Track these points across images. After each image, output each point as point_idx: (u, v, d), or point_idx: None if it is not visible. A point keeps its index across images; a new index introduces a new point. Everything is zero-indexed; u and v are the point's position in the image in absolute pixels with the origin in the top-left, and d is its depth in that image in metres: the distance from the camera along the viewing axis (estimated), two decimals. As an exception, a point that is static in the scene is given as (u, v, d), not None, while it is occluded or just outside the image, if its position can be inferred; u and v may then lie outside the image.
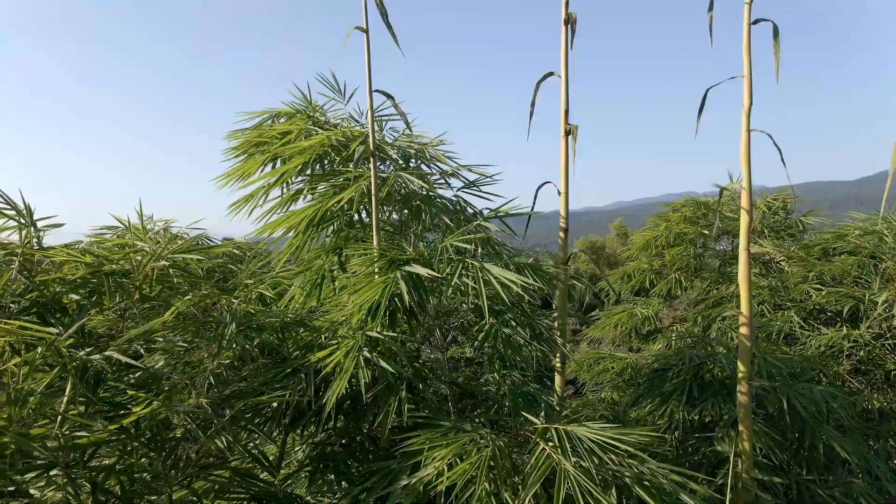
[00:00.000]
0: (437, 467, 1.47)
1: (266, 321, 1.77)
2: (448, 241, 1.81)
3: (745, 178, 2.15)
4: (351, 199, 1.99)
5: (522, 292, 1.89)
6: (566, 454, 1.42)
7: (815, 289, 3.95)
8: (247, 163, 2.37)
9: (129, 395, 1.51)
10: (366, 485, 1.56)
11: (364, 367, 1.52)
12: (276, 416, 1.70)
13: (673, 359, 3.02)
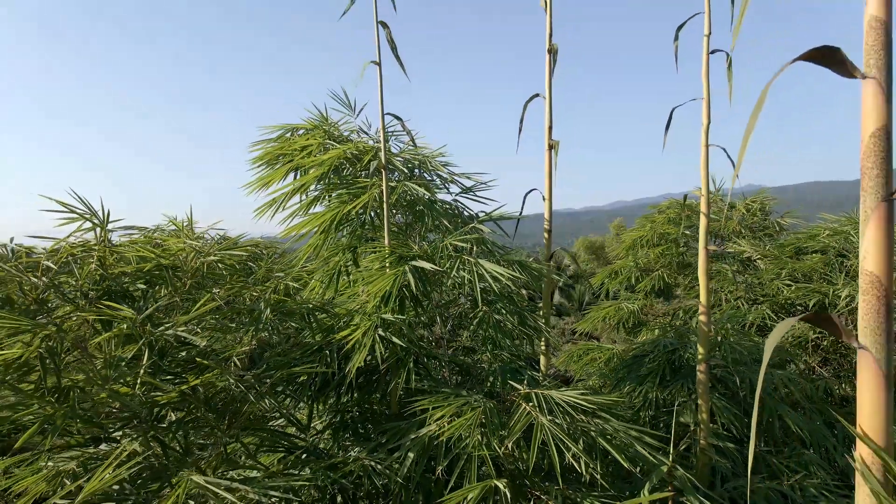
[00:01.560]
0: (439, 424, 1.81)
1: (294, 307, 2.12)
2: (448, 241, 2.15)
3: (704, 186, 2.49)
4: (365, 204, 2.34)
5: (513, 285, 2.24)
6: (543, 412, 1.76)
7: (787, 285, 4.29)
8: (273, 173, 2.71)
9: (189, 364, 1.85)
10: (380, 440, 1.90)
11: (379, 342, 1.86)
12: (306, 385, 2.04)
13: (650, 346, 3.37)
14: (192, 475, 1.39)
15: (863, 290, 0.93)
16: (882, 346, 0.92)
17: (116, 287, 1.93)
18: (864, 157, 0.90)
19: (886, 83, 0.89)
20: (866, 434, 0.93)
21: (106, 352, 1.61)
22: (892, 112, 0.90)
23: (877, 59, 0.89)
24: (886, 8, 0.89)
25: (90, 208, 1.89)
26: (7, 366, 1.53)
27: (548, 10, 2.57)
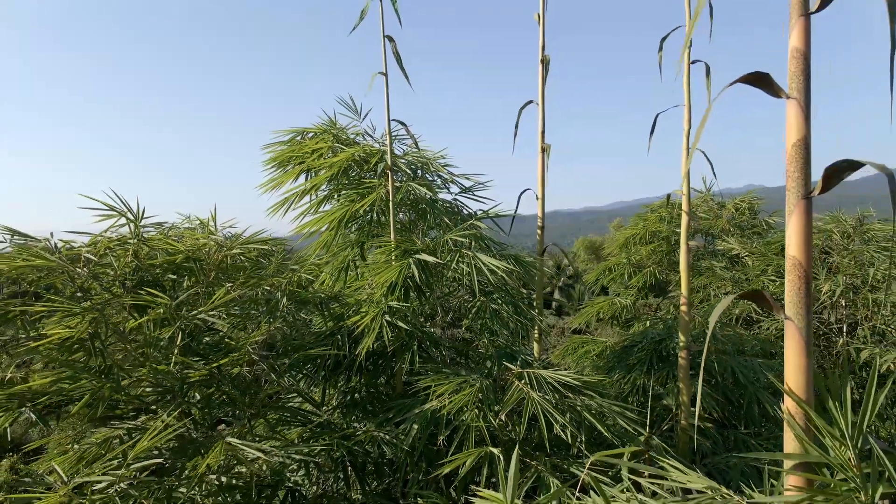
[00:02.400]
0: (440, 400, 2.01)
1: (308, 297, 2.32)
2: (448, 236, 2.36)
3: (685, 187, 2.69)
4: (372, 202, 2.54)
5: (508, 278, 2.44)
6: (534, 388, 1.96)
7: (771, 280, 4.50)
8: (286, 174, 2.92)
9: (215, 347, 2.06)
10: (387, 416, 2.11)
11: (386, 326, 2.07)
12: (320, 366, 2.25)
13: (639, 337, 3.57)
14: (226, 439, 1.60)
15: (787, 270, 1.13)
16: (803, 317, 1.12)
17: (149, 277, 2.14)
18: (788, 163, 1.11)
19: (805, 103, 1.09)
20: (791, 390, 1.13)
21: (146, 333, 1.81)
22: (810, 126, 1.10)
23: (797, 83, 1.09)
24: (805, 41, 1.09)
25: (127, 206, 2.09)
26: (60, 344, 1.74)
27: (541, 24, 2.78)
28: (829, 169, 1.08)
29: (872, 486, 1.04)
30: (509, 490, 1.24)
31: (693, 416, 2.72)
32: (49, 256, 1.82)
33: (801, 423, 1.12)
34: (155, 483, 1.59)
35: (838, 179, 1.08)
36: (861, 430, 1.08)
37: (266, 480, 1.90)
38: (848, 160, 1.06)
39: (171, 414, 1.82)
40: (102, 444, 1.71)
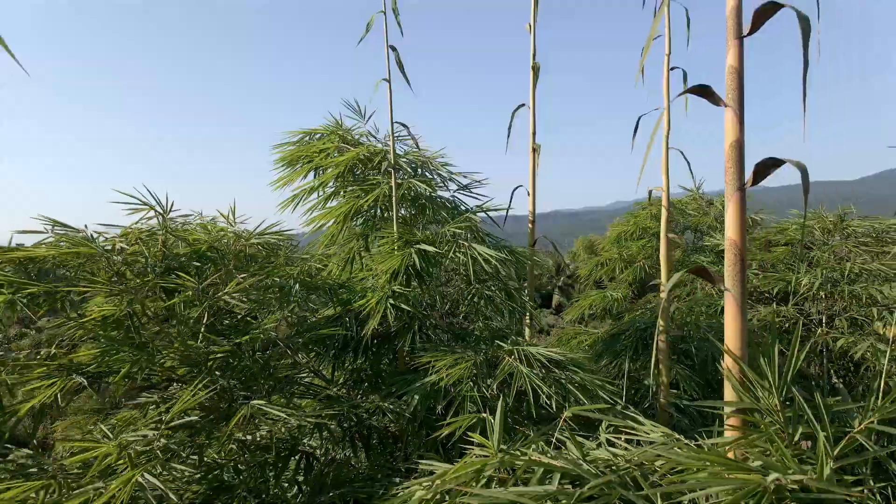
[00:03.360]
0: (439, 374, 2.24)
1: (319, 283, 2.55)
2: (446, 228, 2.59)
3: (665, 184, 2.92)
4: (376, 198, 2.77)
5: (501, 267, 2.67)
6: (522, 364, 2.19)
7: (755, 274, 4.72)
8: (295, 172, 3.14)
9: (235, 328, 2.28)
10: (391, 389, 2.34)
11: (390, 308, 2.29)
12: (330, 345, 2.48)
13: (626, 325, 3.80)
14: (250, 402, 1.83)
15: (726, 249, 1.36)
16: (738, 288, 1.35)
17: (175, 265, 2.37)
18: (726, 160, 1.33)
19: (739, 111, 1.32)
20: (729, 349, 1.36)
21: (177, 312, 2.04)
22: (743, 130, 1.33)
23: (733, 95, 1.32)
24: (739, 60, 1.32)
25: (157, 199, 2.32)
26: (102, 321, 1.97)
27: (532, 33, 3.01)
28: (758, 165, 1.31)
29: (793, 426, 1.27)
30: (496, 436, 1.47)
31: (671, 395, 2.94)
32: (91, 245, 2.05)
33: (737, 376, 1.35)
34: (188, 441, 1.82)
35: (765, 174, 1.31)
36: (786, 381, 1.31)
37: (283, 445, 2.13)
38: (772, 158, 1.29)
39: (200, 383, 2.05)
40: (141, 407, 1.94)
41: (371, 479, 2.06)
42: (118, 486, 1.48)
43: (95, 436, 1.75)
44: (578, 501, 1.27)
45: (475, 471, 1.45)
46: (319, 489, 1.98)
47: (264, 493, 2.02)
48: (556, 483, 1.33)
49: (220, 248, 2.50)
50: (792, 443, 1.24)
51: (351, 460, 2.37)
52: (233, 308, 2.32)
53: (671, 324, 3.89)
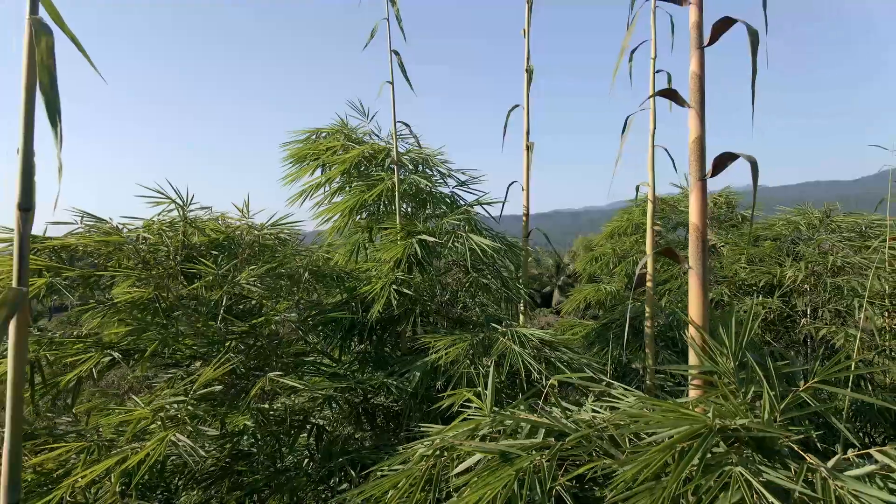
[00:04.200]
0: (438, 353, 2.43)
1: (327, 272, 2.75)
2: (445, 220, 2.78)
3: (651, 179, 3.11)
4: (380, 193, 2.96)
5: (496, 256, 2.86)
6: (515, 343, 2.38)
7: (742, 267, 4.92)
8: (303, 169, 3.34)
9: (250, 312, 2.47)
10: (393, 368, 2.53)
11: (393, 293, 2.48)
12: (337, 327, 2.67)
13: (617, 314, 3.99)
14: (268, 375, 2.02)
15: (690, 233, 1.55)
16: (700, 267, 1.54)
17: (194, 254, 2.56)
18: (690, 154, 1.52)
19: (700, 112, 1.51)
20: (693, 320, 1.55)
21: (199, 296, 2.24)
22: (704, 129, 1.51)
23: (695, 97, 1.51)
24: (700, 67, 1.51)
25: (178, 193, 2.52)
26: (132, 304, 2.16)
27: (526, 38, 3.20)
28: (717, 159, 1.50)
29: (746, 386, 1.46)
30: (489, 399, 1.66)
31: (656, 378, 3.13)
32: (121, 234, 2.25)
33: (699, 344, 1.54)
34: (211, 411, 2.01)
35: (723, 167, 1.50)
36: (741, 347, 1.50)
37: (296, 418, 2.32)
38: (728, 152, 1.48)
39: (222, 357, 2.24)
40: (168, 381, 2.14)
41: (376, 449, 2.25)
42: (154, 443, 1.68)
43: (128, 406, 1.94)
44: (560, 451, 1.46)
45: (470, 430, 1.64)
46: (329, 456, 2.17)
47: (279, 461, 2.21)
48: (542, 437, 1.52)
49: (235, 238, 2.70)
50: (745, 399, 1.43)
51: (356, 434, 2.56)
52: (248, 293, 2.52)
53: (660, 314, 4.08)
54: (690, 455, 1.16)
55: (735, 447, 1.31)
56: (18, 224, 0.77)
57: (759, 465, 1.20)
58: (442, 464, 1.61)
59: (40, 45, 0.73)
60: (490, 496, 1.34)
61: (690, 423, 1.23)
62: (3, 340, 1.87)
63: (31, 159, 0.77)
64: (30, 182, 0.77)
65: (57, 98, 0.73)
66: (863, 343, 3.97)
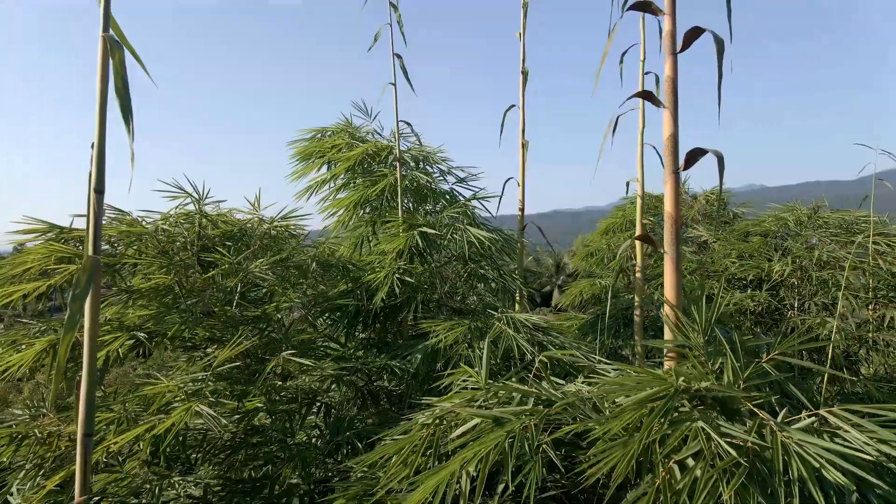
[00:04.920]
0: (438, 337, 2.60)
1: (333, 262, 2.92)
2: (445, 213, 2.94)
3: (639, 175, 3.28)
4: (383, 188, 3.13)
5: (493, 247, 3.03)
6: (510, 327, 2.55)
7: (732, 262, 5.08)
8: (310, 165, 3.51)
9: (262, 299, 2.64)
10: (397, 352, 2.70)
11: (396, 281, 2.65)
12: (344, 313, 2.84)
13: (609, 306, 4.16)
14: (282, 354, 2.19)
15: (665, 220, 1.71)
16: (674, 251, 1.70)
17: (210, 245, 2.73)
18: (665, 149, 1.69)
19: (674, 112, 1.67)
20: (668, 300, 1.72)
21: (216, 282, 2.40)
22: (677, 127, 1.68)
23: (669, 98, 1.67)
24: (674, 71, 1.67)
25: (194, 187, 2.69)
26: (156, 290, 2.33)
27: (522, 40, 3.36)
28: (688, 154, 1.67)
29: (713, 357, 1.63)
30: (484, 372, 1.83)
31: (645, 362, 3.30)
32: (144, 226, 2.42)
33: (673, 320, 1.71)
34: (229, 388, 2.18)
35: (694, 161, 1.67)
36: (710, 323, 1.67)
37: (306, 397, 2.49)
38: (699, 148, 1.65)
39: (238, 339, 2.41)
40: (189, 360, 2.31)
41: (381, 425, 2.42)
42: (179, 412, 1.85)
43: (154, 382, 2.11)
44: (548, 416, 1.63)
45: (467, 400, 1.81)
46: (337, 431, 2.34)
47: (290, 437, 2.38)
48: (531, 404, 1.69)
49: (247, 230, 2.87)
50: (712, 368, 1.60)
51: (361, 415, 2.73)
52: (260, 282, 2.68)
53: (651, 304, 4.25)
54: (657, 411, 1.33)
55: (700, 409, 1.48)
56: (94, 204, 0.94)
57: (720, 422, 1.36)
58: (441, 431, 1.78)
59: (115, 57, 0.90)
60: (484, 452, 1.51)
61: (658, 385, 1.40)
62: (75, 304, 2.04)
63: (104, 152, 0.94)
64: (102, 170, 0.94)
65: (129, 99, 0.89)
66: (845, 333, 4.13)
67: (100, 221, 0.95)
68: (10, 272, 2.24)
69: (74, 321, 0.86)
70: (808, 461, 1.23)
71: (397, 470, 1.73)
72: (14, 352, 2.11)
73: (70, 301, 0.86)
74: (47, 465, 1.91)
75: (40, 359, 2.04)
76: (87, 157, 0.98)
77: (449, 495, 1.56)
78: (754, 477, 1.24)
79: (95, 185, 0.93)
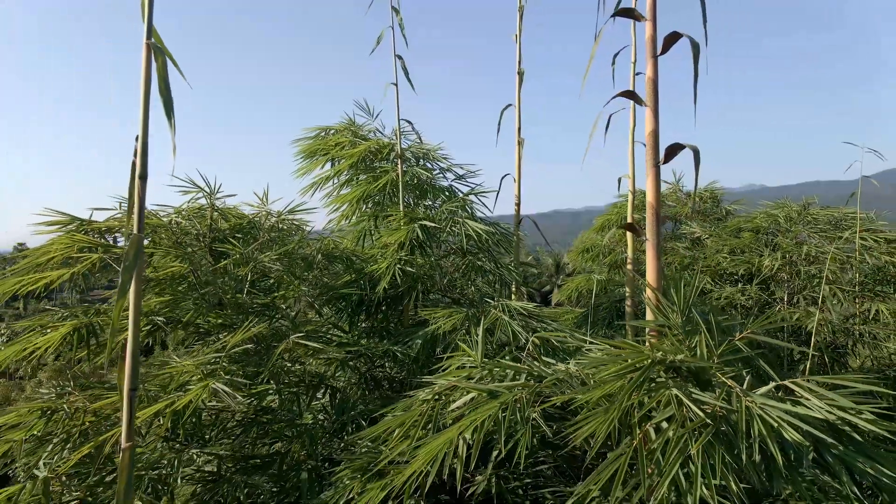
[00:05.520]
0: (437, 324, 2.74)
1: (338, 254, 3.06)
2: (443, 207, 3.09)
3: (630, 172, 3.42)
4: (385, 184, 3.28)
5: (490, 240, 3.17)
6: (505, 314, 2.69)
7: (724, 257, 5.23)
8: (314, 162, 3.65)
9: (270, 288, 2.79)
10: (399, 338, 2.84)
11: (398, 271, 2.80)
12: (348, 302, 2.98)
13: (603, 298, 4.31)
14: (290, 337, 2.33)
15: (647, 209, 1.86)
16: (655, 238, 1.85)
17: (220, 237, 2.87)
18: (647, 145, 1.83)
19: (655, 110, 1.82)
20: (649, 283, 1.86)
21: (229, 271, 2.55)
22: (658, 123, 1.82)
23: (651, 98, 1.82)
24: (654, 73, 1.82)
25: (207, 183, 2.83)
26: (172, 277, 2.48)
27: (518, 42, 3.51)
28: (668, 148, 1.81)
29: (690, 334, 1.77)
30: (480, 351, 1.98)
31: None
32: (161, 218, 2.56)
33: (654, 302, 1.85)
34: (241, 369, 2.33)
35: (673, 155, 1.81)
36: (687, 304, 1.81)
37: (312, 379, 2.63)
38: (677, 143, 1.79)
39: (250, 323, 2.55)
40: (202, 345, 2.45)
41: (383, 405, 2.56)
42: (197, 389, 1.99)
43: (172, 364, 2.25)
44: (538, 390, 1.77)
45: (465, 376, 1.96)
46: (342, 411, 2.48)
47: (298, 416, 2.53)
48: (524, 379, 1.84)
49: (256, 223, 3.01)
50: (689, 345, 1.74)
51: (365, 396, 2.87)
52: (268, 272, 2.83)
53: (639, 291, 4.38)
54: (635, 379, 1.48)
55: (676, 380, 1.62)
56: (138, 189, 1.08)
57: (692, 390, 1.51)
58: (440, 406, 1.92)
59: (158, 61, 1.04)
60: (479, 421, 1.66)
61: (636, 357, 1.55)
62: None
63: (147, 143, 1.08)
64: (145, 159, 1.08)
65: (171, 98, 1.04)
66: (831, 325, 4.29)
67: (143, 204, 1.09)
68: (35, 261, 2.39)
69: (126, 288, 1.00)
70: (769, 422, 1.37)
71: (399, 443, 1.88)
72: (40, 335, 2.25)
73: (122, 272, 1.00)
74: (74, 440, 2.05)
75: (66, 341, 2.18)
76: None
77: (447, 460, 1.71)
78: (720, 436, 1.39)
79: (140, 173, 1.07)
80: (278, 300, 2.72)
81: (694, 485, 1.29)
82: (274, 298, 2.68)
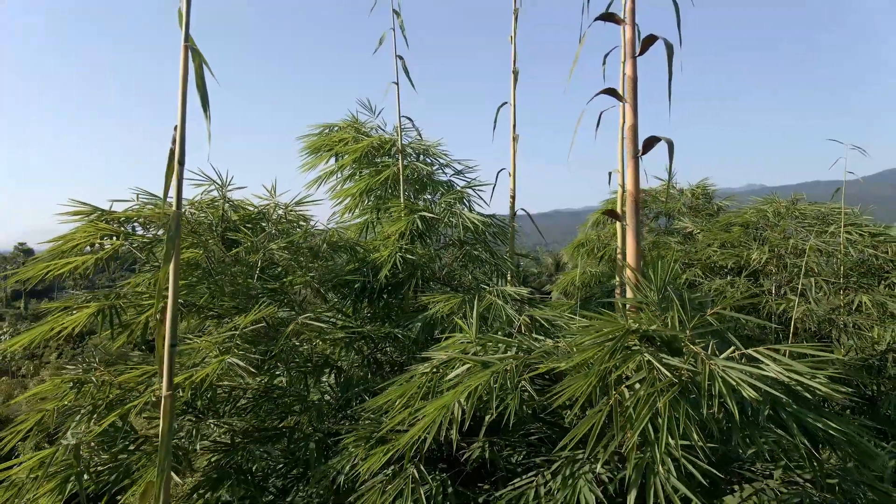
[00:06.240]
0: (435, 309, 2.92)
1: (342, 243, 3.24)
2: (442, 200, 3.26)
3: (620, 166, 3.59)
4: (387, 178, 3.45)
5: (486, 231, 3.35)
6: (498, 298, 2.87)
7: (714, 251, 5.41)
8: (318, 158, 3.83)
9: (278, 276, 2.96)
10: (400, 322, 3.02)
11: (398, 258, 2.97)
12: (351, 288, 3.16)
13: (596, 289, 4.48)
14: (298, 319, 2.51)
15: (627, 198, 2.03)
16: (633, 222, 2.02)
17: (231, 227, 3.05)
18: (626, 137, 2.01)
19: (634, 106, 1.99)
20: (628, 263, 2.04)
21: (240, 259, 2.73)
22: (637, 118, 2.00)
23: (630, 95, 1.99)
24: (633, 71, 1.99)
25: (220, 176, 3.01)
26: (187, 264, 2.65)
27: (513, 43, 3.69)
28: (645, 141, 1.99)
29: (664, 311, 1.94)
30: (474, 327, 2.15)
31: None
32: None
33: (633, 281, 2.03)
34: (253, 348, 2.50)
35: (650, 147, 1.99)
36: (663, 283, 1.98)
37: (319, 360, 2.81)
38: (654, 136, 1.97)
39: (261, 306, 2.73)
40: (216, 325, 2.63)
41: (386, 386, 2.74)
42: (215, 364, 2.17)
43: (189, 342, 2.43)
44: (526, 361, 1.94)
45: (461, 351, 2.14)
46: (347, 388, 2.66)
47: (305, 394, 2.70)
48: (514, 352, 2.01)
49: (265, 214, 3.19)
50: (663, 318, 1.92)
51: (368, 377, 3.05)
52: (277, 260, 3.01)
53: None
54: (612, 345, 1.65)
55: (650, 349, 1.80)
56: (177, 173, 1.26)
57: (663, 356, 1.68)
58: (437, 378, 2.10)
59: (195, 61, 1.22)
60: (473, 387, 1.83)
61: (613, 326, 1.72)
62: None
63: (184, 133, 1.26)
64: (183, 146, 1.26)
65: (206, 93, 1.22)
66: (813, 314, 4.46)
67: (181, 186, 1.27)
68: (60, 248, 2.56)
69: (170, 255, 1.17)
70: (729, 382, 1.54)
71: (400, 413, 2.05)
72: (67, 316, 2.43)
73: (166, 241, 1.17)
74: (100, 411, 2.23)
75: (93, 321, 2.35)
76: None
77: (444, 426, 1.88)
78: (686, 395, 1.56)
79: (179, 158, 1.25)
80: (287, 286, 2.89)
81: (660, 434, 1.47)
82: (282, 284, 2.85)
